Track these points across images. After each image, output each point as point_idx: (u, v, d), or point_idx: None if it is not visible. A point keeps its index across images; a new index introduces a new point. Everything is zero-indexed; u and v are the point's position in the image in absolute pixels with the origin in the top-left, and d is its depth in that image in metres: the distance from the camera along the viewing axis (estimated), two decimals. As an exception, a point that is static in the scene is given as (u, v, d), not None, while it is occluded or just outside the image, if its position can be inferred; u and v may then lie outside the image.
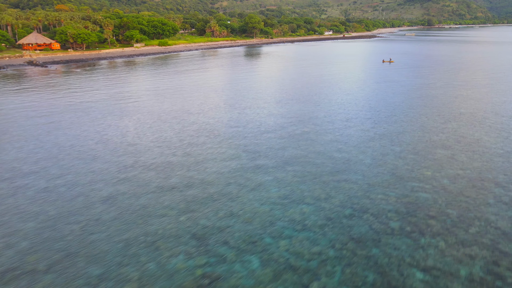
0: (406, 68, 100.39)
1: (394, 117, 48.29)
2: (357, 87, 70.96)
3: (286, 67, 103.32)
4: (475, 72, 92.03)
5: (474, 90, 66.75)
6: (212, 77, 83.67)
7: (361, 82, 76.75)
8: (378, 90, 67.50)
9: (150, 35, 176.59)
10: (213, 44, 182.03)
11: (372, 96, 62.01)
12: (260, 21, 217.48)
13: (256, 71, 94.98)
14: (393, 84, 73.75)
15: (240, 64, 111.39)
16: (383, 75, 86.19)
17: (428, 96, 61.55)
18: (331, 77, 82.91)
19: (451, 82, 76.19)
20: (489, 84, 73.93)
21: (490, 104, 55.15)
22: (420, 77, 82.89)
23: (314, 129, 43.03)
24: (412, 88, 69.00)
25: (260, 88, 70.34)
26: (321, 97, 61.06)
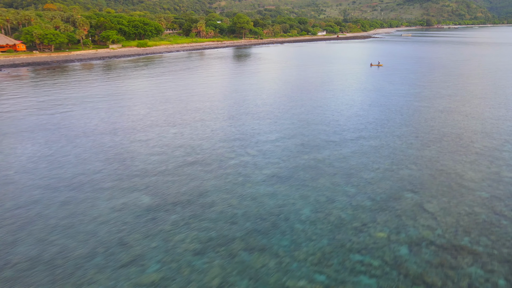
0: (394, 73, 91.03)
1: (360, 140, 38.96)
2: (331, 96, 61.68)
3: (257, 71, 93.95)
4: (469, 78, 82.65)
5: (465, 102, 57.38)
6: (162, 83, 74.40)
7: (338, 90, 67.44)
8: (354, 101, 58.19)
9: (131, 35, 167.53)
10: (197, 45, 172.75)
11: (344, 109, 52.73)
12: (249, 21, 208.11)
13: (218, 76, 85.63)
14: (373, 93, 64.43)
15: (209, 67, 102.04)
16: (366, 82, 76.83)
17: (409, 110, 52.21)
18: (305, 83, 73.60)
19: (440, 90, 66.85)
20: (483, 93, 64.53)
21: (481, 122, 45.80)
22: (406, 84, 73.55)
23: (244, 161, 33.81)
24: (394, 99, 59.65)
25: (210, 98, 61.15)
26: (277, 110, 51.77)
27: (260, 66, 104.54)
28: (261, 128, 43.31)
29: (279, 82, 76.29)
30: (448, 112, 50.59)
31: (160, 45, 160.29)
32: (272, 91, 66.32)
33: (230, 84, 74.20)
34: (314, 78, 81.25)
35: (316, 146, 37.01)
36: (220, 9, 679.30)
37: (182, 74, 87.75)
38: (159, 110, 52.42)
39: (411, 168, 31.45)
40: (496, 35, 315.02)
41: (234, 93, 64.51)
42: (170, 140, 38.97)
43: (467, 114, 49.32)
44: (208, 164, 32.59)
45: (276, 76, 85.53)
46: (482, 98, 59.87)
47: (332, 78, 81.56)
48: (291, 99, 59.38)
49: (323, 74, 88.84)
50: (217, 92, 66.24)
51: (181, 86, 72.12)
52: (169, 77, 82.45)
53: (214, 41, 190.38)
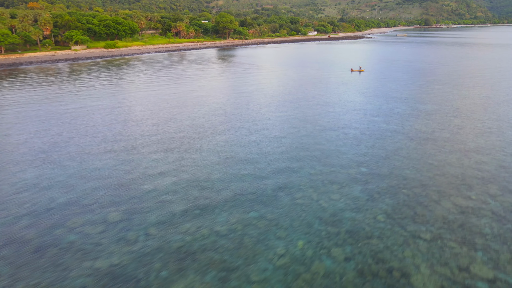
0: (374, 80, 78.27)
1: (281, 198, 26.44)
2: (282, 111, 49.09)
3: (216, 75, 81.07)
4: (457, 88, 69.83)
5: (445, 125, 44.66)
6: (88, 89, 61.81)
7: (295, 103, 54.71)
8: (304, 123, 45.46)
9: (102, 36, 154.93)
10: (173, 46, 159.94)
11: (287, 134, 40.13)
12: (233, 20, 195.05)
13: (169, 82, 72.74)
14: (337, 109, 51.76)
15: (160, 71, 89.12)
16: (335, 92, 64.04)
17: (376, 141, 39.52)
18: (260, 95, 60.90)
19: (418, 106, 54.11)
20: (471, 111, 51.78)
21: (465, 171, 33.13)
22: (381, 96, 60.82)
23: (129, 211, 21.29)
24: (359, 120, 46.97)
25: (147, 108, 48.67)
26: (197, 141, 39.18)
27: (222, 71, 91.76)
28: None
29: (231, 91, 63.63)
30: (419, 143, 37.90)
31: (131, 46, 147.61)
32: (211, 105, 53.74)
33: (169, 91, 61.59)
34: (277, 88, 68.59)
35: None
36: (217, 8, 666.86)
37: (124, 80, 75.05)
38: (56, 127, 39.88)
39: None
40: (496, 36, 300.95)
41: (162, 103, 51.94)
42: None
43: (449, 153, 36.36)
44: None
45: (231, 83, 72.85)
46: (469, 118, 47.11)
47: (299, 88, 68.78)
48: (235, 114, 46.88)
49: (291, 81, 76.10)
50: (147, 102, 53.76)
51: (109, 94, 59.48)
52: (105, 83, 69.88)
53: (193, 42, 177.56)
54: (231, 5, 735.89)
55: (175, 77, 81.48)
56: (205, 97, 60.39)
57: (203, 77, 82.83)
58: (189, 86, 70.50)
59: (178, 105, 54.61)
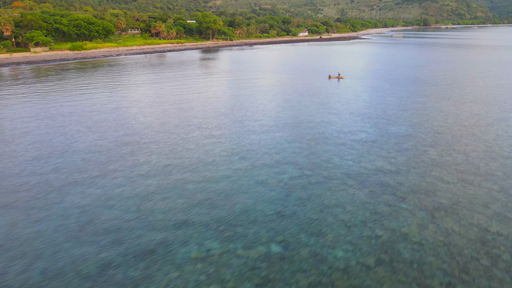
0: (351, 90, 66.61)
1: None
2: (217, 138, 37.61)
3: (162, 81, 69.31)
4: (445, 102, 58.09)
5: (428, 167, 33.07)
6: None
7: (227, 127, 43.16)
8: (213, 167, 34.05)
9: (72, 36, 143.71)
10: (148, 48, 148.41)
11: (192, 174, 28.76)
12: (216, 21, 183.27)
13: (114, 92, 61.24)
14: (280, 134, 40.25)
15: (113, 78, 77.45)
16: (297, 108, 52.33)
17: (322, 190, 28.09)
18: (215, 106, 49.30)
19: (389, 127, 42.50)
20: (455, 143, 40.10)
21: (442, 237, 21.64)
22: (351, 113, 49.19)
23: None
24: (311, 151, 35.50)
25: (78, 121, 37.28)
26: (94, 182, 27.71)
27: (170, 76, 79.97)
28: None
29: (162, 101, 51.95)
30: (388, 197, 26.34)
31: (101, 48, 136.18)
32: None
33: (89, 102, 50.06)
34: (238, 98, 56.93)
35: None
36: (215, 8, 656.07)
37: (53, 87, 63.44)
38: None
39: None
40: (495, 37, 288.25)
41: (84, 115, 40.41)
42: None
43: (423, 199, 25.02)
44: None
45: (170, 91, 61.08)
46: (449, 150, 35.43)
47: (263, 100, 57.12)
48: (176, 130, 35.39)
49: (247, 90, 64.38)
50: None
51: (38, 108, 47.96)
52: (27, 91, 58.36)
53: (173, 43, 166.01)
54: (229, 5, 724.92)
55: (110, 84, 69.80)
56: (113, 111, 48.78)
57: (142, 83, 71.10)
58: (114, 95, 58.86)
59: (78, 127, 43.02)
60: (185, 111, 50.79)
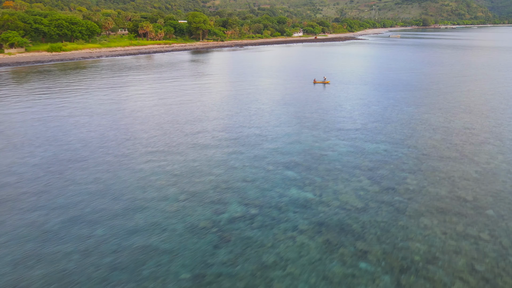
0: (333, 98, 60.52)
1: None
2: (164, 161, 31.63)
3: (123, 86, 63.41)
4: (437, 113, 51.98)
5: (403, 203, 27.01)
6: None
7: (171, 145, 37.19)
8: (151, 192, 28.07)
9: (54, 37, 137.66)
10: (133, 49, 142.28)
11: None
12: (206, 21, 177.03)
13: (56, 96, 55.28)
14: (233, 159, 34.27)
15: (80, 82, 71.43)
16: (265, 120, 46.28)
17: (265, 239, 22.12)
18: (181, 116, 43.27)
19: (368, 148, 36.48)
20: (440, 167, 34.09)
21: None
22: (330, 128, 43.21)
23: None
24: (262, 179, 29.50)
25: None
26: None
27: (153, 78, 73.93)
28: None
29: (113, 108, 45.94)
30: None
31: (82, 49, 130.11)
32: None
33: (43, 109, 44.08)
34: (200, 107, 50.85)
35: None
36: (213, 8, 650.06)
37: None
38: None
39: None
40: (494, 37, 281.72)
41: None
42: None
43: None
44: None
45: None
46: (431, 177, 29.36)
47: (230, 109, 51.02)
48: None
49: (230, 98, 58.28)
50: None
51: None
52: None
53: (160, 44, 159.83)
54: (228, 5, 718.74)
55: (70, 89, 63.71)
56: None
57: (104, 88, 65.03)
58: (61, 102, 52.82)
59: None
60: (135, 122, 44.70)
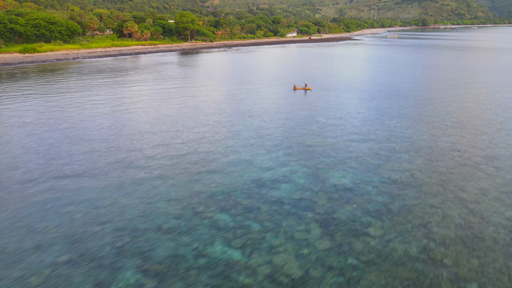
0: (309, 108, 53.28)
1: None
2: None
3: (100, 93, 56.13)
4: (427, 126, 44.67)
5: (361, 269, 19.85)
6: None
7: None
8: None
9: (31, 37, 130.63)
10: (115, 50, 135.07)
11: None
12: (194, 20, 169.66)
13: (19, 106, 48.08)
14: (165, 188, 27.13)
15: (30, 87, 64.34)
16: (219, 137, 39.09)
17: None
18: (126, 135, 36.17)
19: (341, 177, 29.27)
20: (424, 212, 26.82)
21: None
22: (292, 149, 36.05)
23: None
24: (190, 223, 22.35)
25: None
26: None
27: (118, 81, 66.67)
28: None
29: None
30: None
31: (59, 51, 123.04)
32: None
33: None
34: (155, 117, 43.67)
35: None
36: (212, 8, 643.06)
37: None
38: None
39: None
40: (494, 37, 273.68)
41: None
42: None
43: None
44: None
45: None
46: (403, 230, 22.11)
47: (187, 121, 43.84)
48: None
49: (193, 107, 51.02)
50: None
51: None
52: None
53: (145, 45, 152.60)
54: (227, 5, 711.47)
55: (22, 94, 56.50)
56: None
57: (60, 93, 57.83)
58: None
59: None
60: (81, 134, 37.48)
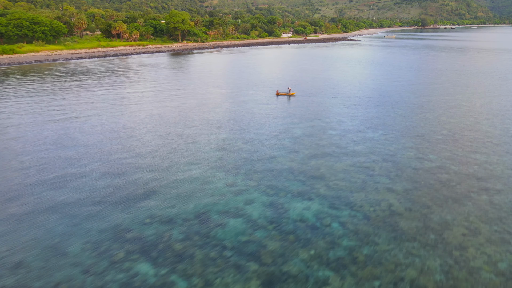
0: (287, 117, 47.99)
1: None
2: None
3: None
4: (414, 141, 39.32)
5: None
6: None
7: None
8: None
9: (12, 38, 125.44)
10: (100, 52, 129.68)
11: None
12: (185, 20, 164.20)
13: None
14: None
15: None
16: (177, 156, 33.86)
17: None
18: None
19: (305, 208, 23.97)
20: (398, 258, 21.47)
21: None
22: (254, 170, 30.76)
23: None
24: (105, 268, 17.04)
25: None
26: None
27: (88, 84, 61.35)
28: None
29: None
30: None
31: (40, 52, 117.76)
32: None
33: None
34: (120, 128, 38.45)
35: None
36: (211, 8, 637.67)
37: None
38: None
39: None
40: (494, 38, 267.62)
41: None
42: None
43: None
44: None
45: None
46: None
47: (152, 132, 38.60)
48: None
49: (160, 115, 45.73)
50: None
51: None
52: None
53: (133, 45, 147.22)
54: (226, 4, 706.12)
55: None
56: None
57: (19, 97, 52.55)
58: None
59: None
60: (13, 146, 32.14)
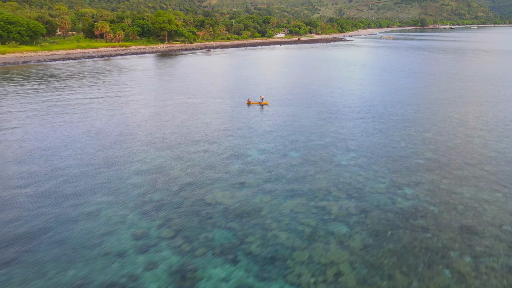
0: (254, 131, 40.58)
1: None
2: None
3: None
4: (390, 167, 31.84)
5: None
6: None
7: None
8: None
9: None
10: (78, 53, 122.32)
11: None
12: (172, 20, 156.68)
13: None
14: None
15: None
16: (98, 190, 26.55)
17: None
18: None
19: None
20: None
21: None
22: (177, 223, 23.36)
23: None
24: None
25: None
26: None
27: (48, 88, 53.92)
28: None
29: None
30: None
31: (11, 53, 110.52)
32: None
33: None
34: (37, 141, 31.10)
35: None
36: (210, 8, 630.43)
37: None
38: None
39: None
40: (494, 38, 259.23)
41: None
42: None
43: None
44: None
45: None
46: None
47: (79, 149, 31.22)
48: None
49: (100, 129, 38.40)
50: None
51: None
52: None
53: (115, 46, 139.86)
54: (224, 4, 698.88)
55: None
56: None
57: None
58: None
59: None
60: None
